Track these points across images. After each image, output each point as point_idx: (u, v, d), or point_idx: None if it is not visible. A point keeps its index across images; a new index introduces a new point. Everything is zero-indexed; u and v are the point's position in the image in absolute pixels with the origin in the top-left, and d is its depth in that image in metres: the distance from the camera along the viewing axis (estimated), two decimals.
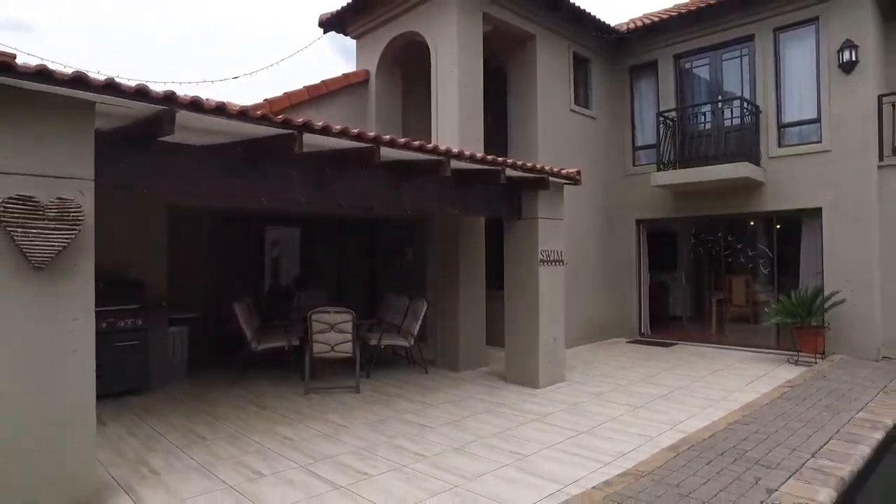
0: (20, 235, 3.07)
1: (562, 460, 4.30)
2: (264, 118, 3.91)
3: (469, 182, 6.14)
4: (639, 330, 10.77)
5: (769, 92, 9.21)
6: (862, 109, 8.29)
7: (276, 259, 10.82)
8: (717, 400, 6.11)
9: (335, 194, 5.02)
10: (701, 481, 3.74)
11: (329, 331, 6.41)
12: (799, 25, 8.91)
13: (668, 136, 9.74)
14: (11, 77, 2.94)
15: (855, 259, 8.30)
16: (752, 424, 5.02)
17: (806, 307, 8.20)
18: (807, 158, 8.80)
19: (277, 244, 10.70)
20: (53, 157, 3.26)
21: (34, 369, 3.18)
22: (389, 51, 9.08)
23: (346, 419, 5.41)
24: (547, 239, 6.92)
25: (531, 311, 6.84)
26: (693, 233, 11.18)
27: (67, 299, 3.31)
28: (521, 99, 9.50)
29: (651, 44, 10.52)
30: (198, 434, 4.93)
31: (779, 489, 3.58)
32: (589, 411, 5.71)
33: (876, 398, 5.84)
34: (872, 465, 4.30)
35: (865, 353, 8.14)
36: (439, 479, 3.92)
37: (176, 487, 3.78)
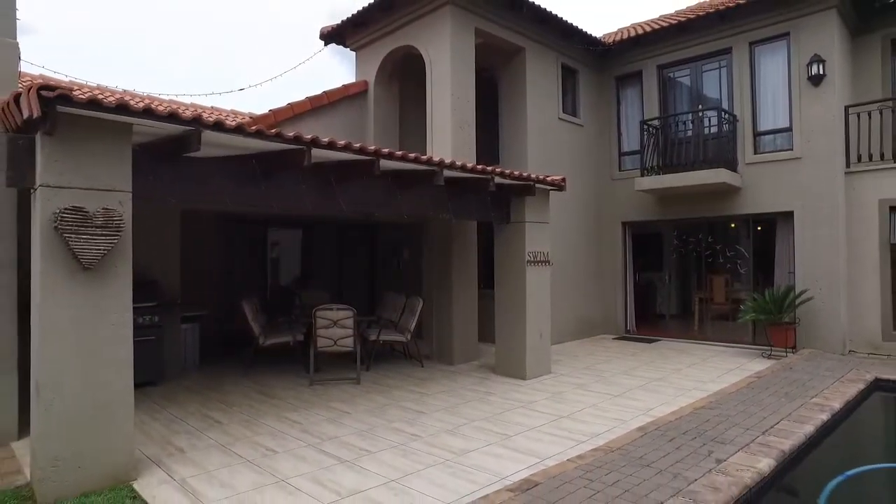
0: (73, 240, 3.58)
1: (542, 440, 4.83)
2: (278, 136, 4.43)
3: (461, 189, 6.67)
4: (625, 327, 11.32)
5: (745, 101, 9.77)
6: (829, 119, 8.85)
7: (279, 259, 11.32)
8: (689, 389, 6.65)
9: (339, 201, 5.54)
10: (661, 454, 4.28)
11: (332, 326, 6.93)
12: (772, 40, 9.48)
13: (652, 143, 10.30)
14: (69, 106, 3.45)
15: (823, 260, 8.86)
16: (715, 409, 5.57)
17: (778, 305, 8.76)
18: (780, 165, 9.36)
19: (280, 245, 11.20)
20: (99, 173, 3.78)
21: (83, 356, 3.70)
22: (387, 62, 9.60)
23: (348, 406, 5.93)
24: (534, 241, 7.45)
25: (519, 308, 7.37)
26: (676, 234, 11.75)
27: (110, 296, 3.83)
28: (512, 107, 10.03)
29: (636, 55, 11.08)
30: (214, 419, 5.44)
31: (727, 459, 4.12)
32: (570, 399, 6.25)
33: (831, 386, 6.39)
34: (817, 440, 4.84)
35: (833, 347, 8.71)
36: (433, 455, 4.45)
37: (200, 461, 4.29)
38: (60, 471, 3.58)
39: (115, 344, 3.85)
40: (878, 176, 8.79)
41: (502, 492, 3.63)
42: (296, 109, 8.78)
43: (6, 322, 4.76)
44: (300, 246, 11.36)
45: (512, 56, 9.82)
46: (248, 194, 4.95)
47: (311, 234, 11.16)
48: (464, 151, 8.36)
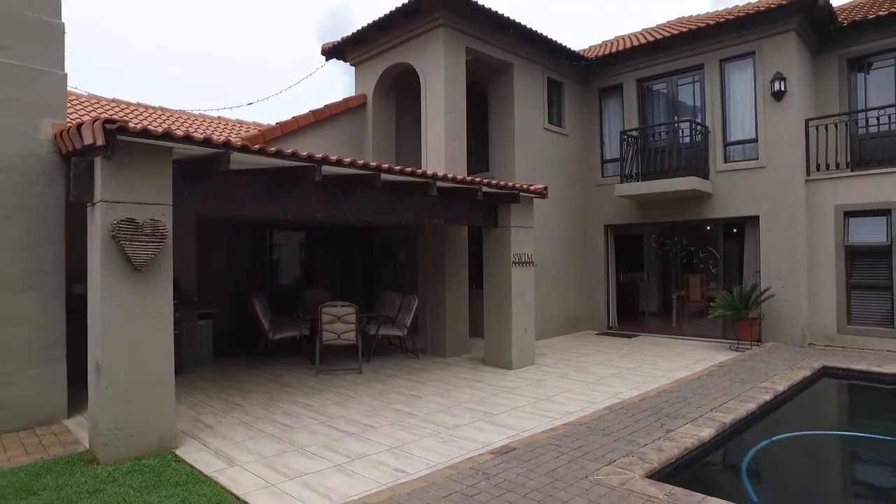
0: (127, 246, 4.30)
1: (522, 417, 5.58)
2: (294, 155, 5.16)
3: (452, 198, 7.42)
4: (607, 324, 12.09)
5: (716, 114, 10.56)
6: (791, 132, 9.65)
7: (283, 261, 12.02)
8: (657, 377, 7.42)
9: (344, 210, 6.28)
10: (621, 426, 5.04)
11: (336, 322, 7.66)
12: (739, 58, 10.28)
13: (631, 152, 11.08)
14: (125, 135, 4.18)
15: (786, 260, 9.66)
16: (675, 392, 6.34)
17: (744, 301, 9.55)
18: (747, 173, 10.15)
19: (284, 247, 11.90)
20: (146, 189, 4.50)
21: (134, 343, 4.42)
22: (384, 78, 10.33)
23: (352, 392, 6.67)
24: (518, 244, 8.21)
25: (505, 305, 8.13)
26: (654, 237, 12.55)
27: (155, 292, 4.55)
28: (501, 118, 10.78)
29: (617, 69, 11.86)
30: (234, 403, 6.17)
31: (675, 430, 4.89)
32: (550, 385, 7.01)
33: (782, 373, 7.18)
34: (760, 415, 5.62)
35: (794, 339, 9.51)
36: (427, 429, 5.19)
37: (228, 434, 5.02)
38: (118, 438, 4.30)
39: (160, 332, 4.58)
40: (834, 184, 9.60)
41: (485, 454, 4.38)
42: (300, 122, 9.50)
43: (56, 317, 5.47)
44: (302, 248, 12.06)
45: (501, 71, 10.58)
46: (266, 204, 5.67)
47: (312, 236, 11.87)
48: (456, 163, 9.10)
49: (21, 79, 5.37)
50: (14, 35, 5.39)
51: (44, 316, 5.39)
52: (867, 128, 9.83)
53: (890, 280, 8.96)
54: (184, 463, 4.29)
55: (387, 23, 9.59)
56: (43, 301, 5.39)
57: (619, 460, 4.18)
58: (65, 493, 3.72)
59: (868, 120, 9.82)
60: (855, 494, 4.68)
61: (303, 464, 4.28)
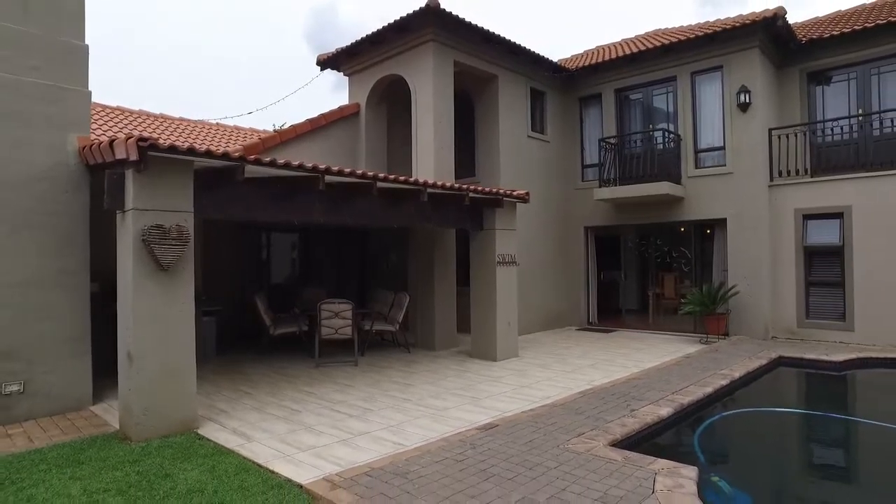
0: (157, 249, 4.89)
1: (505, 401, 6.23)
2: (300, 166, 5.77)
3: (441, 203, 8.05)
4: (587, 319, 12.80)
5: (688, 123, 11.30)
6: (755, 140, 10.41)
7: (281, 261, 12.57)
8: (629, 367, 8.10)
9: (344, 214, 6.89)
10: (592, 407, 5.72)
11: (334, 318, 8.26)
12: (709, 71, 11.03)
13: (610, 158, 11.79)
14: (156, 151, 4.76)
15: (751, 259, 10.42)
16: (643, 379, 7.04)
17: (712, 298, 10.30)
18: (716, 178, 10.90)
19: (281, 248, 12.45)
20: (171, 198, 5.08)
21: (161, 334, 5.00)
22: (377, 88, 10.94)
23: (350, 381, 7.28)
24: (503, 245, 8.86)
25: (490, 301, 8.78)
26: (632, 237, 13.28)
27: (179, 289, 5.14)
28: (487, 125, 11.43)
29: (596, 79, 12.57)
30: (243, 391, 6.75)
31: (639, 409, 5.57)
32: (531, 375, 7.66)
33: (741, 363, 7.92)
34: (716, 398, 6.33)
35: (757, 333, 10.28)
36: (420, 411, 5.82)
37: (242, 417, 5.62)
38: (148, 419, 4.89)
39: (183, 324, 5.17)
40: (795, 189, 10.38)
41: (472, 430, 5.03)
42: (298, 130, 10.07)
43: (83, 313, 6.02)
44: (298, 248, 12.62)
45: (486, 82, 11.23)
46: (274, 210, 6.27)
47: (308, 237, 12.42)
48: (444, 170, 9.74)
49: (52, 97, 5.91)
50: (44, 57, 5.92)
51: (72, 312, 5.94)
52: (824, 137, 10.62)
53: (842, 278, 9.75)
54: (206, 440, 4.89)
55: (379, 37, 10.20)
56: (71, 298, 5.94)
57: (587, 433, 4.84)
58: (109, 462, 4.30)
59: (825, 130, 10.61)
60: (787, 457, 5.41)
61: (312, 439, 4.89)
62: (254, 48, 64.67)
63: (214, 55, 60.01)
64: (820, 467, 5.27)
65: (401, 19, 9.57)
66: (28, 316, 5.65)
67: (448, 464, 4.16)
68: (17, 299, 5.60)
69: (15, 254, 5.61)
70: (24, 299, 5.63)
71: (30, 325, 5.66)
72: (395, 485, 3.78)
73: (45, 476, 4.03)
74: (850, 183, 9.75)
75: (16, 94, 5.70)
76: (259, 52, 64.70)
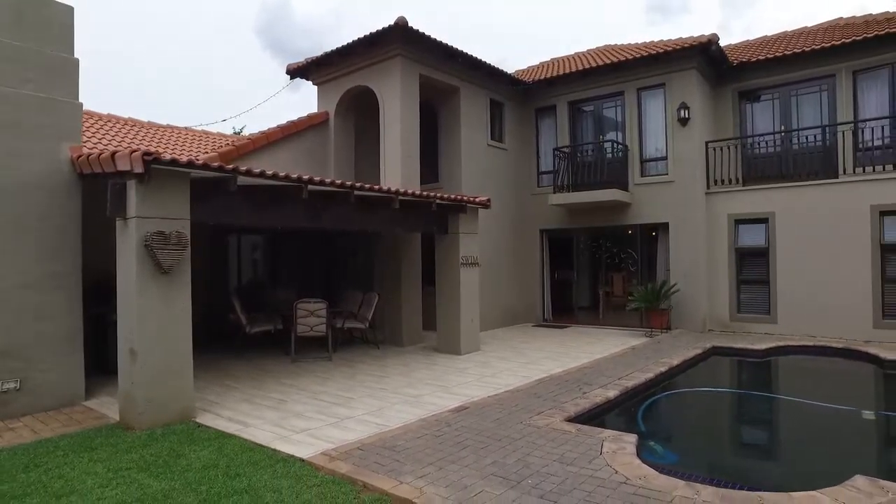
0: (159, 254, 5.34)
1: (472, 388, 6.92)
2: (287, 177, 6.30)
3: (411, 209, 8.69)
4: (542, 316, 13.67)
5: (634, 134, 12.31)
6: (693, 152, 11.49)
7: (251, 262, 12.91)
8: (581, 358, 8.93)
9: (324, 220, 7.44)
10: (549, 391, 6.48)
11: (309, 316, 8.77)
12: (653, 88, 12.05)
13: (563, 165, 12.69)
14: (158, 164, 5.22)
15: (690, 260, 11.49)
16: (594, 368, 7.88)
17: (655, 295, 11.31)
18: (659, 186, 11.94)
19: (252, 250, 12.79)
20: (171, 206, 5.54)
21: (162, 331, 5.46)
22: (345, 98, 11.47)
23: (327, 374, 7.83)
24: (466, 248, 9.57)
25: (455, 299, 9.47)
26: (584, 239, 14.24)
27: (178, 290, 5.60)
28: (449, 135, 12.13)
29: (551, 92, 13.45)
30: (229, 385, 7.21)
31: (589, 392, 6.37)
32: (494, 366, 8.39)
33: (679, 352, 8.88)
34: (656, 382, 7.21)
35: (696, 326, 11.35)
36: (397, 398, 6.45)
37: (234, 407, 6.11)
38: (151, 409, 5.34)
39: (181, 322, 5.64)
40: (728, 196, 11.51)
41: (445, 412, 5.70)
42: (270, 137, 10.51)
43: (76, 314, 6.37)
44: (268, 250, 12.97)
45: (449, 93, 11.92)
46: (260, 216, 6.78)
47: (277, 239, 12.80)
48: (411, 177, 10.38)
49: (45, 108, 6.24)
50: (38, 70, 6.25)
51: (66, 313, 6.29)
52: (753, 150, 11.81)
53: (767, 276, 10.92)
54: (206, 427, 5.38)
55: (349, 50, 10.73)
56: (64, 300, 6.28)
57: (546, 412, 5.60)
58: (121, 447, 4.76)
59: (753, 144, 11.80)
60: (713, 427, 6.37)
61: (304, 423, 5.45)
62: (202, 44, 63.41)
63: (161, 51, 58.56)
64: (740, 434, 6.29)
65: (370, 34, 10.14)
66: (24, 316, 5.98)
67: (428, 439, 4.82)
68: (15, 300, 5.92)
69: (12, 257, 5.93)
70: (20, 300, 5.96)
71: (26, 325, 5.98)
72: (385, 455, 4.41)
73: (65, 460, 4.47)
74: (774, 192, 10.93)
75: (12, 106, 6.02)
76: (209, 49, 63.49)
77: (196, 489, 3.83)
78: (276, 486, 3.84)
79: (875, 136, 10.50)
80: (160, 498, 3.70)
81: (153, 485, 3.93)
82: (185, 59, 60.22)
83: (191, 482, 3.95)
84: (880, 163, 10.29)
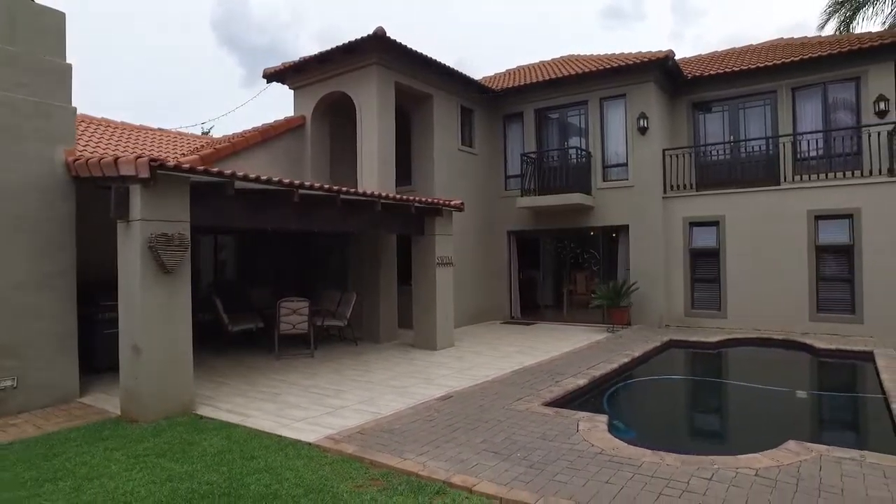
0: (163, 254, 5.63)
1: (453, 380, 7.41)
2: (280, 182, 6.66)
3: (391, 212, 9.12)
4: (510, 314, 14.29)
5: (597, 142, 13.05)
6: (652, 159, 12.31)
7: (229, 262, 13.05)
8: (550, 352, 9.55)
9: (311, 222, 7.80)
10: (525, 380, 7.05)
11: (292, 314, 9.09)
12: (614, 98, 12.83)
13: (530, 170, 13.34)
14: (163, 170, 5.51)
15: (648, 260, 12.30)
16: (563, 360, 8.50)
17: (617, 293, 12.06)
18: (620, 190, 12.71)
19: (229, 249, 12.92)
20: (172, 209, 5.83)
21: (165, 327, 5.75)
22: (321, 103, 11.78)
23: (313, 370, 8.19)
24: (441, 248, 10.06)
25: (431, 298, 9.95)
26: (549, 240, 14.94)
27: (180, 288, 5.90)
28: (422, 139, 12.60)
29: (518, 100, 14.08)
30: (219, 381, 7.49)
31: (561, 381, 6.96)
32: (469, 360, 8.91)
33: (640, 346, 9.62)
34: (620, 371, 7.88)
35: (654, 322, 12.16)
36: (384, 389, 6.89)
37: (229, 400, 6.43)
38: (154, 402, 5.63)
39: (182, 320, 5.94)
40: (683, 200, 12.37)
41: (432, 401, 6.18)
42: (249, 140, 10.74)
43: (70, 313, 6.56)
44: (245, 250, 13.12)
45: (423, 100, 12.39)
46: (253, 218, 7.10)
47: (252, 239, 12.98)
48: (386, 181, 10.80)
49: (41, 113, 6.41)
50: (32, 75, 6.41)
51: (61, 312, 6.47)
52: (706, 158, 12.73)
53: (718, 275, 11.83)
54: (208, 418, 5.70)
55: (327, 57, 11.07)
56: (60, 299, 6.47)
57: (525, 397, 6.15)
58: (131, 438, 5.05)
59: (706, 152, 12.72)
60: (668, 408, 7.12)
61: (302, 413, 5.84)
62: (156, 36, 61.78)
63: (107, 43, 56.78)
64: (693, 414, 7.03)
65: (349, 43, 10.51)
66: (21, 315, 6.14)
67: (421, 423, 5.30)
68: (11, 300, 6.08)
69: (8, 257, 6.09)
70: (16, 300, 6.12)
71: (23, 324, 6.15)
72: (385, 438, 4.87)
73: (81, 449, 4.74)
74: (724, 197, 11.84)
75: (7, 110, 6.17)
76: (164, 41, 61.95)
77: (217, 469, 4.19)
78: (292, 466, 4.24)
79: (811, 148, 11.55)
80: (186, 478, 4.05)
81: (174, 467, 4.27)
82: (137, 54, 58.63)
83: (210, 464, 4.31)
84: (816, 172, 11.33)
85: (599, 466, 4.07)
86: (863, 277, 10.38)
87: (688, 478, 3.87)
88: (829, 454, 4.23)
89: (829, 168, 11.28)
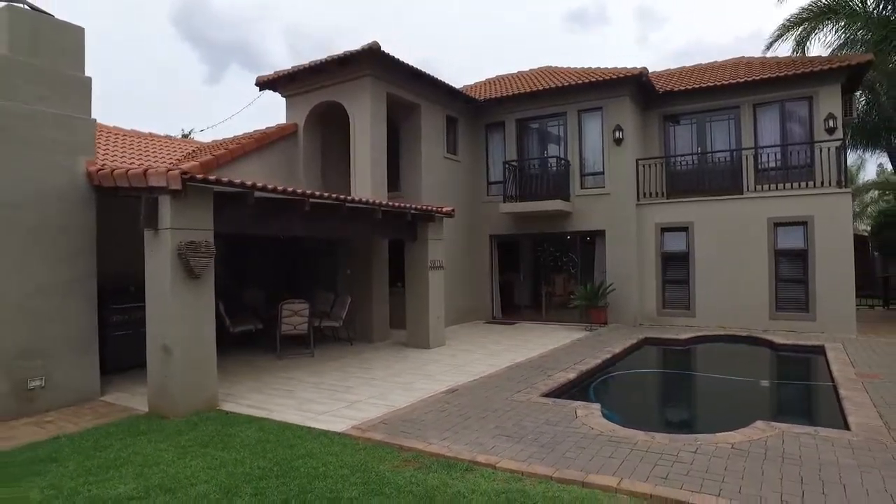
0: (192, 261, 6.04)
1: (452, 375, 7.98)
2: (294, 192, 7.12)
3: (388, 218, 9.64)
4: (492, 314, 14.94)
5: (576, 151, 13.81)
6: (626, 168, 13.13)
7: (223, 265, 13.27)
8: (536, 349, 10.20)
9: (318, 228, 8.27)
10: (519, 375, 7.68)
11: (293, 316, 9.52)
12: (592, 110, 13.61)
13: (511, 177, 14.02)
14: (192, 182, 5.93)
15: (623, 263, 13.10)
16: (550, 357, 9.17)
17: (595, 294, 12.83)
18: (597, 197, 13.49)
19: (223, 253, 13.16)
20: (198, 219, 6.25)
21: (191, 328, 6.16)
22: (314, 112, 12.18)
23: (317, 368, 8.64)
24: (433, 252, 10.63)
25: (423, 299, 10.51)
26: (530, 244, 15.66)
27: (205, 292, 6.32)
28: (410, 147, 13.13)
29: (501, 110, 14.75)
30: (231, 380, 7.86)
31: (553, 375, 7.62)
32: (462, 358, 9.49)
33: (618, 343, 10.37)
34: (603, 366, 8.59)
35: (629, 321, 12.97)
36: (390, 385, 7.42)
37: (248, 397, 6.86)
38: (183, 398, 6.03)
39: (207, 322, 6.36)
40: (655, 207, 13.23)
41: (439, 395, 6.75)
42: (246, 148, 11.08)
43: (90, 318, 6.88)
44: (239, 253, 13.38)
45: (411, 110, 12.93)
46: (266, 225, 7.55)
47: (246, 243, 13.26)
48: (379, 188, 11.30)
49: (63, 125, 6.72)
50: (54, 88, 6.72)
51: (83, 315, 6.80)
52: (676, 167, 13.63)
53: (687, 277, 12.72)
54: (235, 413, 6.13)
55: (321, 67, 11.50)
56: (82, 303, 6.79)
57: (523, 390, 6.77)
58: (168, 432, 5.46)
59: (676, 162, 13.62)
60: (646, 397, 7.83)
61: (322, 407, 6.32)
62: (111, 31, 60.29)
63: None
64: (669, 402, 7.79)
65: (343, 55, 10.97)
66: (46, 319, 6.45)
67: (436, 413, 5.86)
68: (38, 304, 6.39)
69: (34, 264, 6.40)
70: (43, 304, 6.43)
71: (48, 327, 6.46)
72: (407, 426, 5.41)
73: (127, 442, 5.14)
74: (693, 204, 12.75)
75: (33, 123, 6.48)
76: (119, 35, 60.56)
77: (263, 456, 4.67)
78: (331, 451, 4.75)
79: (770, 160, 12.55)
80: (237, 464, 4.52)
81: (223, 455, 4.72)
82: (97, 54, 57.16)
83: (255, 452, 4.78)
84: (775, 182, 12.32)
85: (601, 445, 4.72)
86: (815, 279, 11.38)
87: (676, 451, 4.55)
88: (790, 430, 5.01)
89: (787, 179, 12.29)
